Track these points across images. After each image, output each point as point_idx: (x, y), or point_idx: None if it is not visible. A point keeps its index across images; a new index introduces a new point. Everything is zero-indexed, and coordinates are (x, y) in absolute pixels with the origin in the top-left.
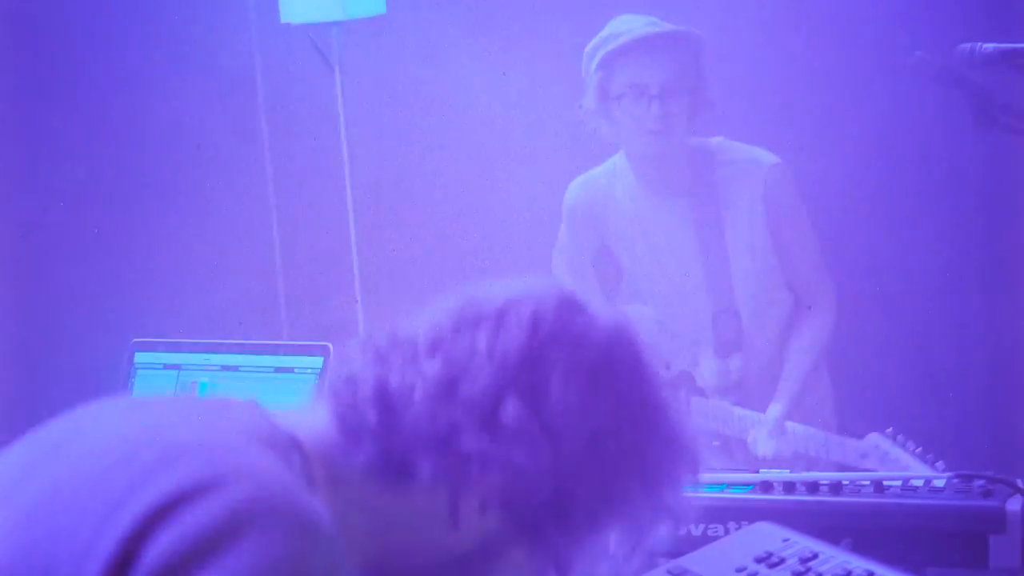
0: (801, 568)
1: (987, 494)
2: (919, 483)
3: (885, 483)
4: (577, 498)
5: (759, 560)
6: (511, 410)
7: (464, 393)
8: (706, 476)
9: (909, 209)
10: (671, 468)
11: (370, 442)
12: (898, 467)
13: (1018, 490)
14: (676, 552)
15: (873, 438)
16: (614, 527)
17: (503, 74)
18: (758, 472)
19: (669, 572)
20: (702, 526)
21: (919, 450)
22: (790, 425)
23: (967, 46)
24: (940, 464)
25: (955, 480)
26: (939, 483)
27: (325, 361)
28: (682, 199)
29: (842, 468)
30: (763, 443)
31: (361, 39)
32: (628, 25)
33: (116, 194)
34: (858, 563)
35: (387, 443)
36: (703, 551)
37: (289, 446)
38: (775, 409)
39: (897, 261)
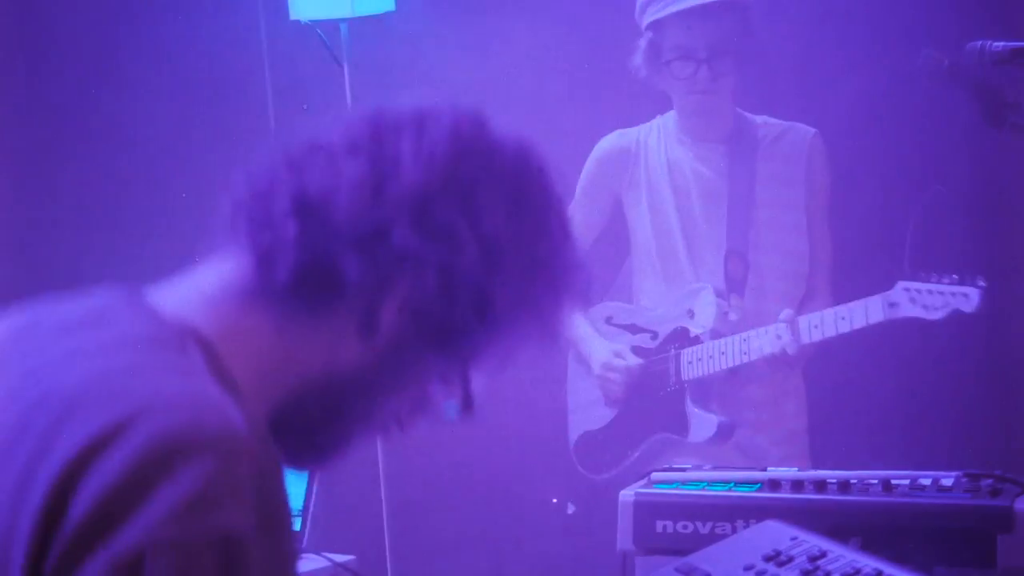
0: (810, 566)
1: (995, 493)
2: (927, 482)
3: (893, 482)
4: (493, 299)
5: (768, 558)
6: (442, 209)
7: (392, 192)
8: (714, 474)
9: (913, 205)
10: (572, 283)
11: (292, 253)
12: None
13: None
14: (685, 550)
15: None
16: (521, 330)
17: (510, 70)
18: (765, 470)
19: (678, 570)
20: (710, 524)
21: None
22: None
23: (977, 44)
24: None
25: (963, 479)
26: (947, 482)
27: None
28: (721, 145)
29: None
30: (789, 342)
31: (370, 36)
32: None
33: (124, 191)
34: (867, 562)
35: (311, 250)
36: (711, 549)
37: (182, 337)
38: (787, 312)
39: (901, 257)
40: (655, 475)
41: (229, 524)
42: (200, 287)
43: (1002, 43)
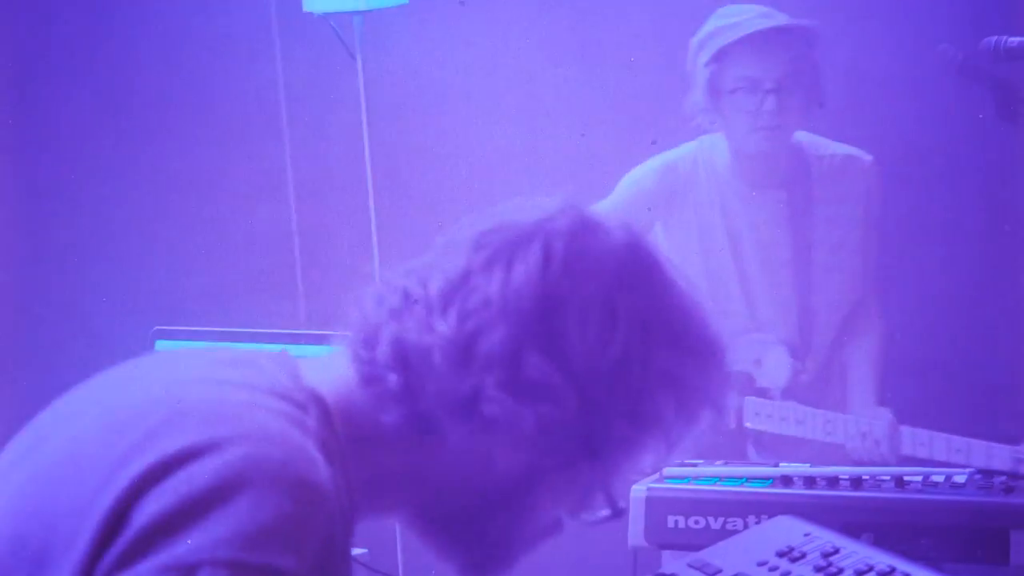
0: (823, 562)
1: (1009, 490)
2: (940, 478)
3: (905, 478)
4: (610, 429)
5: (781, 554)
6: (531, 364)
7: (481, 351)
8: (726, 470)
9: (929, 204)
10: (701, 378)
11: (394, 405)
12: None
13: None
14: (697, 545)
15: None
16: (649, 444)
17: (527, 63)
18: (777, 466)
19: (690, 565)
20: (721, 520)
21: None
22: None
23: (992, 39)
24: None
25: (976, 476)
26: (960, 479)
27: None
28: (778, 191)
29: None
30: (885, 445)
31: (383, 28)
32: (740, 16)
33: (136, 184)
34: (880, 558)
35: (411, 407)
36: (724, 544)
37: (309, 401)
38: (884, 412)
39: (918, 255)
40: (667, 470)
41: (287, 565)
42: (331, 371)
43: (1018, 38)
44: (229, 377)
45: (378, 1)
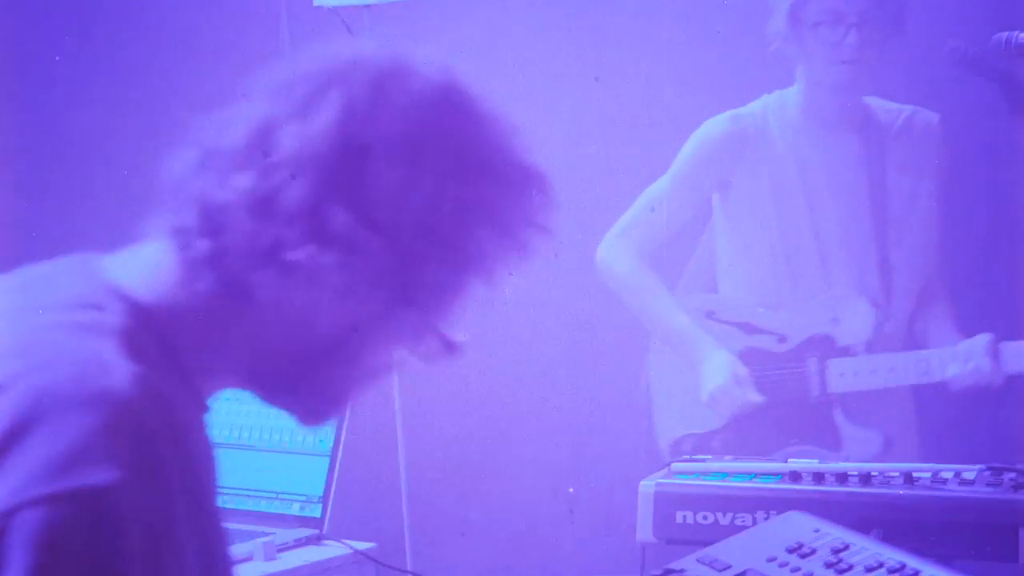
0: (833, 559)
1: (1018, 487)
2: (949, 475)
3: (915, 474)
4: (426, 275)
5: (791, 550)
6: (333, 215)
7: (283, 205)
8: (735, 465)
9: (939, 199)
10: (519, 203)
11: (206, 270)
12: None
13: None
14: (705, 541)
15: None
16: (475, 274)
17: (536, 57)
18: (787, 462)
19: (699, 561)
20: (730, 515)
21: None
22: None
23: (1002, 35)
24: None
25: (986, 472)
26: (969, 475)
27: None
28: (853, 135)
29: None
30: (988, 366)
31: (392, 22)
32: None
33: (137, 181)
34: (890, 554)
35: (221, 269)
36: (734, 540)
37: (108, 299)
38: (979, 336)
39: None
40: (675, 466)
41: (104, 479)
42: (137, 257)
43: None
44: (15, 304)
45: None
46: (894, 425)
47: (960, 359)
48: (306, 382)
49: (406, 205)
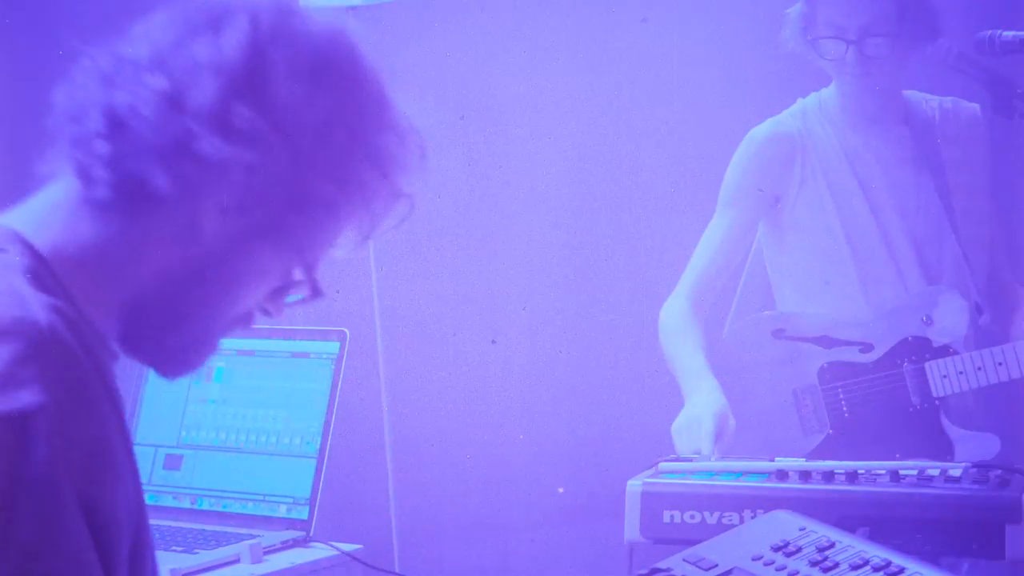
0: (818, 557)
1: (1004, 484)
2: (935, 472)
3: (901, 472)
4: (312, 188)
5: (776, 548)
6: (240, 113)
7: (192, 103)
8: (722, 464)
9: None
10: (400, 153)
11: (104, 171)
12: None
13: None
14: (693, 540)
15: None
16: (351, 212)
17: (521, 61)
18: (773, 460)
19: (686, 560)
20: (717, 514)
21: None
22: None
23: (986, 33)
24: None
25: (972, 470)
26: (955, 472)
27: (341, 346)
28: (899, 127)
29: None
30: None
31: (376, 24)
32: None
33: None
34: (876, 552)
35: (121, 166)
36: (720, 539)
37: (12, 243)
38: None
39: None
40: (662, 465)
41: (30, 402)
42: (33, 204)
43: (1012, 32)
44: None
45: None
46: (1009, 423)
47: None
48: (176, 318)
49: (303, 120)
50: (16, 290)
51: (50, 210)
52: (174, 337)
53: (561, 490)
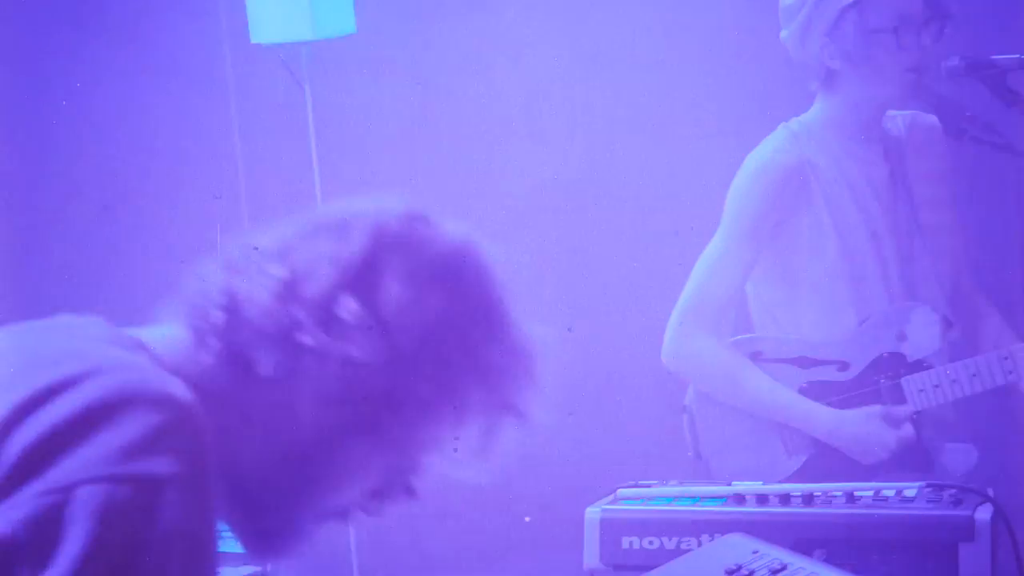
0: None
1: (957, 503)
2: (890, 493)
3: (857, 493)
4: (411, 390)
5: (729, 572)
6: (346, 306)
7: (304, 294)
8: (680, 490)
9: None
10: (507, 369)
11: (215, 339)
12: None
13: (988, 499)
14: (652, 566)
15: None
16: (453, 420)
17: (471, 89)
18: (730, 484)
19: None
20: (676, 539)
21: None
22: None
23: (934, 59)
24: None
25: (926, 490)
26: (910, 493)
27: None
28: (877, 146)
29: None
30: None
31: (331, 58)
32: None
33: (91, 211)
34: (827, 574)
35: (231, 339)
36: (673, 564)
37: (136, 347)
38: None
39: None
40: (621, 491)
41: (156, 469)
42: (161, 332)
43: (957, 57)
44: (67, 333)
45: (325, 32)
46: (986, 433)
47: (996, 365)
48: (273, 494)
49: (411, 325)
50: (159, 370)
51: (171, 337)
52: (266, 522)
53: (528, 519)
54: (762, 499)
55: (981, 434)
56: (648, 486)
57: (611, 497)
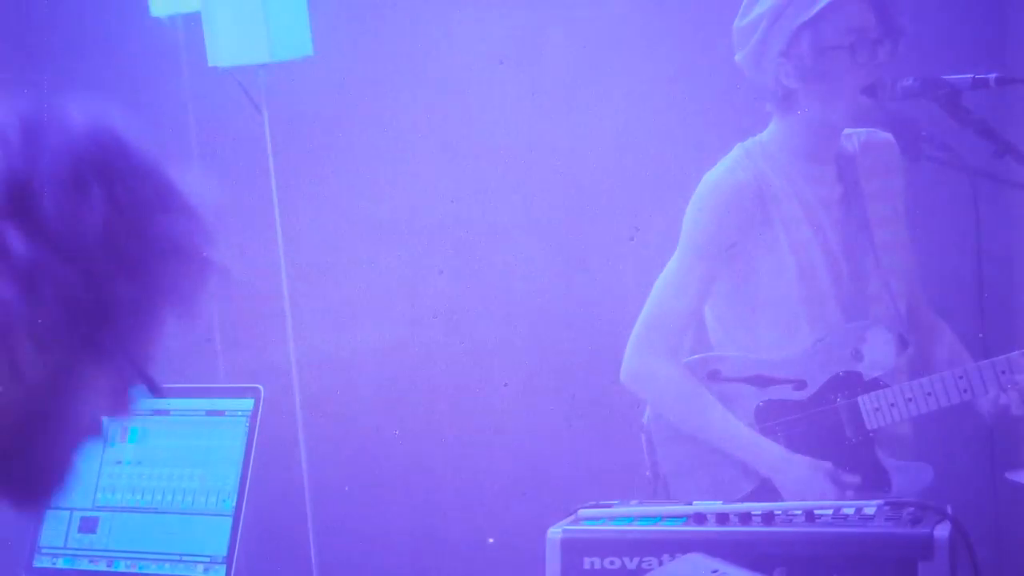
0: None
1: (916, 521)
2: (850, 511)
3: (816, 512)
4: (116, 293)
5: None
6: (10, 242)
7: None
8: (641, 509)
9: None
10: (195, 237)
11: None
12: None
13: (946, 517)
14: None
15: None
16: (168, 308)
17: (427, 111)
18: (691, 504)
19: None
20: (637, 559)
21: None
22: None
23: (888, 79)
24: None
25: (885, 507)
26: (869, 511)
27: (255, 403)
28: (831, 165)
29: None
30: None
31: (289, 81)
32: None
33: None
34: None
35: None
36: None
37: None
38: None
39: None
40: (582, 512)
41: None
42: None
43: (911, 77)
44: None
45: (282, 54)
46: (940, 451)
47: (998, 374)
48: (17, 450)
49: (80, 226)
50: None
51: None
52: (12, 468)
53: (491, 540)
54: (722, 518)
55: (936, 452)
56: (609, 506)
57: (572, 517)
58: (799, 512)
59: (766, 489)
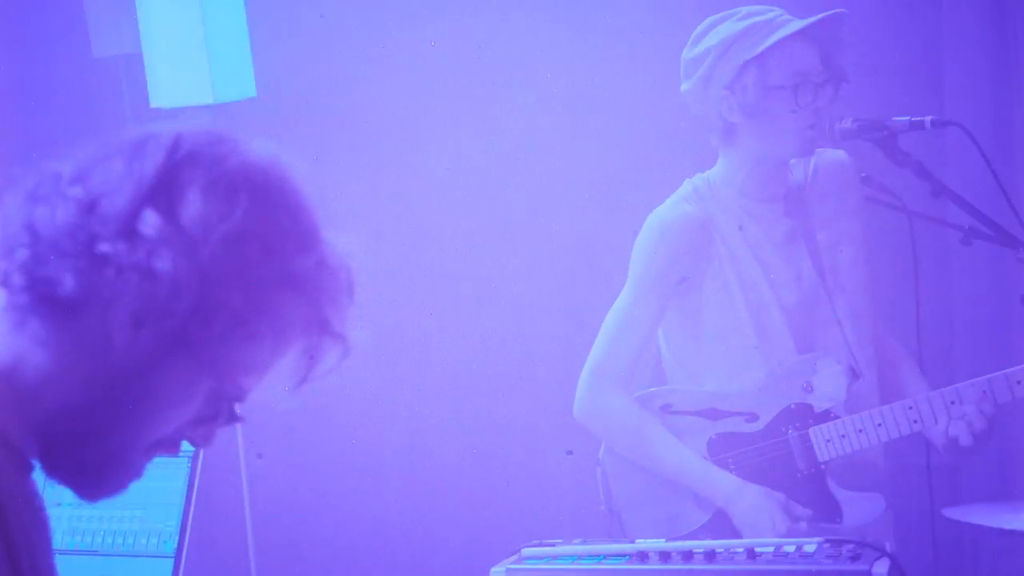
0: None
1: (856, 558)
2: (791, 548)
3: (757, 549)
4: (221, 302)
5: None
6: (147, 219)
7: (103, 209)
8: (584, 548)
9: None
10: (323, 284)
11: (20, 275)
12: None
13: (884, 554)
14: None
15: None
16: (271, 339)
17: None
18: (634, 542)
19: None
20: None
21: None
22: None
23: (827, 120)
24: None
25: (825, 545)
26: (810, 548)
27: None
28: (777, 203)
29: None
30: (985, 404)
31: (232, 122)
32: (769, 14)
33: None
34: None
35: (34, 270)
36: None
37: None
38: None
39: None
40: (525, 551)
41: None
42: None
43: (850, 119)
44: None
45: (225, 96)
46: (891, 481)
47: (948, 404)
48: (93, 435)
49: (213, 232)
50: None
51: None
52: (92, 455)
53: None
54: (664, 556)
55: (888, 483)
56: (552, 544)
57: (515, 556)
58: (741, 550)
59: (720, 520)
